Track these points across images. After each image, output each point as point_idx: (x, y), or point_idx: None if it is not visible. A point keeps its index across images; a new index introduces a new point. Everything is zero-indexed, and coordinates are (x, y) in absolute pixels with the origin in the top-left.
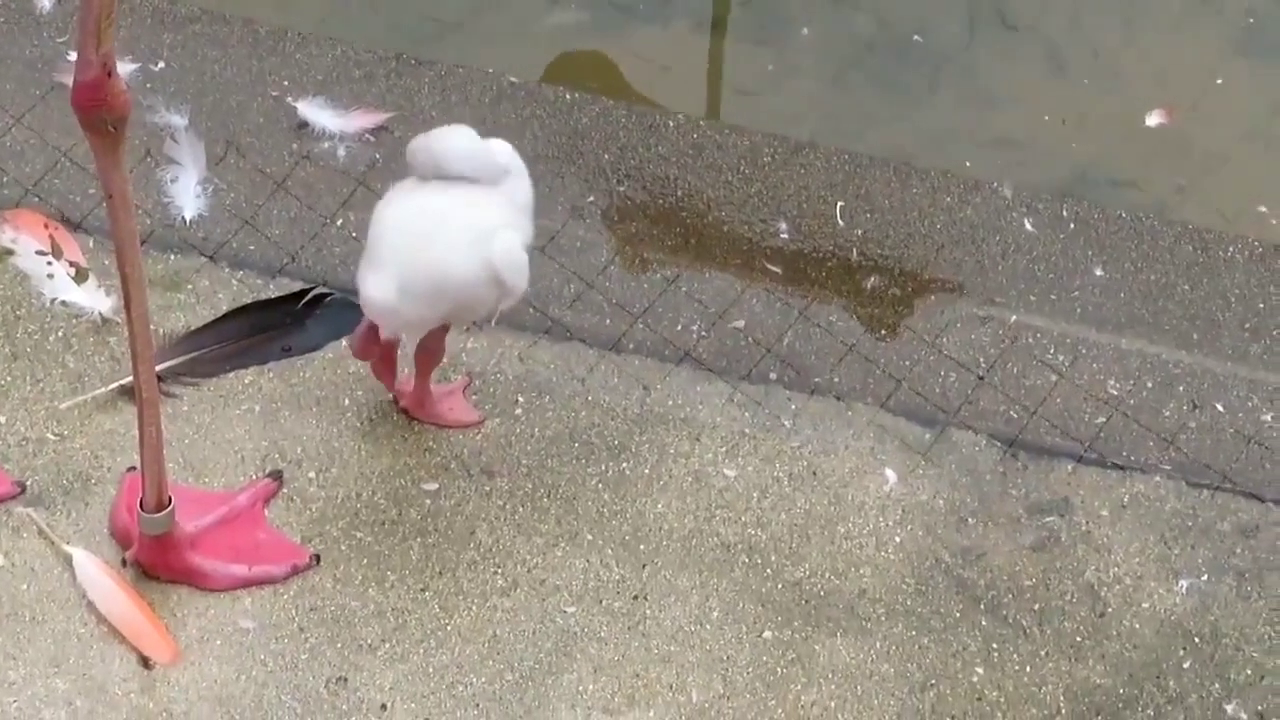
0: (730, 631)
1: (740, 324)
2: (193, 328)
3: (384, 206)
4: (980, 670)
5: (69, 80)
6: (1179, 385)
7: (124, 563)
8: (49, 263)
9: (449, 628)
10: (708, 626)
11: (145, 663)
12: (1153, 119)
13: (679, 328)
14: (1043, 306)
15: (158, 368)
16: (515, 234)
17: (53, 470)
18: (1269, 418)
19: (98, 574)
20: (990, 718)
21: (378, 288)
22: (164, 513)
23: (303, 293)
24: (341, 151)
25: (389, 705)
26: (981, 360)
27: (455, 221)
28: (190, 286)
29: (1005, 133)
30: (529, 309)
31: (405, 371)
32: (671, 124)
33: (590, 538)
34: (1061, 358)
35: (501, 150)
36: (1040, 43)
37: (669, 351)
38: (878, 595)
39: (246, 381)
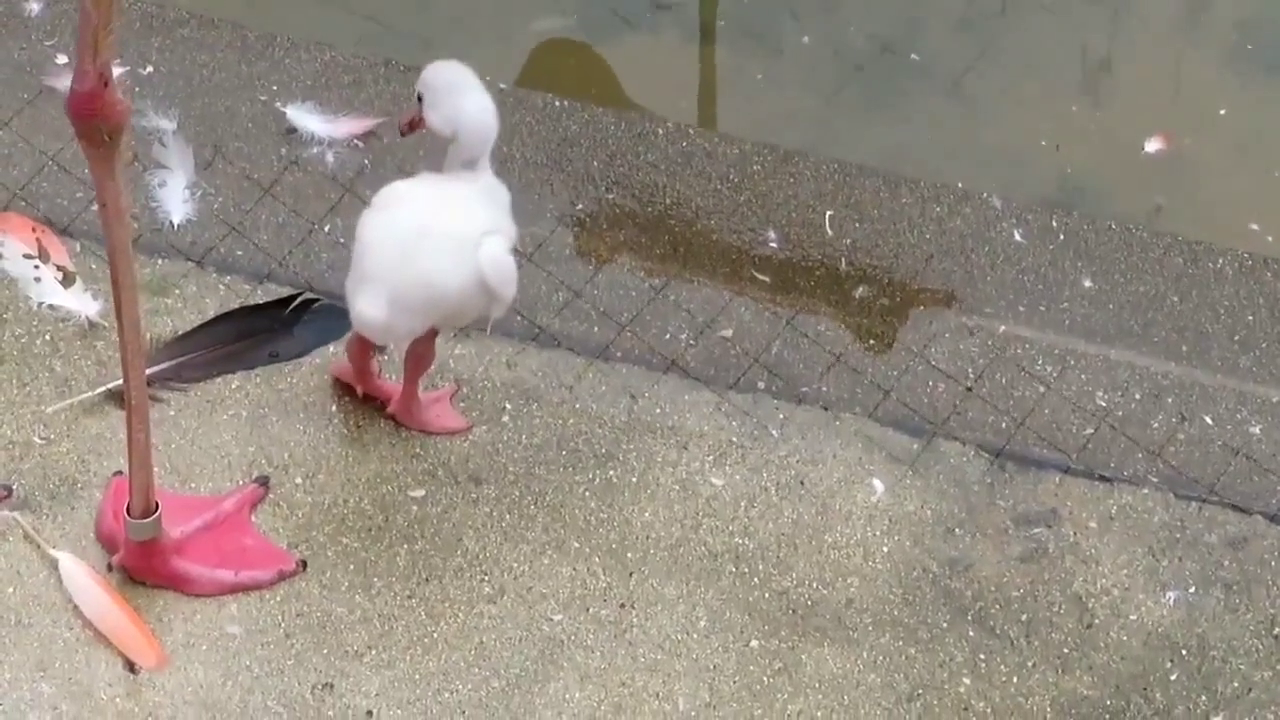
0: (717, 640)
1: (728, 333)
2: (180, 333)
3: (367, 220)
4: (967, 681)
5: (57, 84)
6: (1167, 397)
7: (110, 567)
8: (36, 266)
9: (435, 634)
10: (694, 635)
11: (131, 667)
12: (1151, 145)
13: (667, 336)
14: (1031, 317)
15: (145, 373)
16: (500, 239)
17: (39, 474)
18: (1257, 430)
19: (84, 578)
20: None
21: (368, 304)
22: (151, 518)
23: (290, 298)
24: (330, 157)
25: (375, 712)
26: (969, 371)
27: (440, 231)
28: (178, 291)
29: (996, 145)
30: (517, 316)
31: (393, 378)
32: (661, 131)
33: (577, 546)
34: (1050, 369)
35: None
36: (1036, 59)
37: (656, 360)
38: (865, 605)
39: (233, 387)
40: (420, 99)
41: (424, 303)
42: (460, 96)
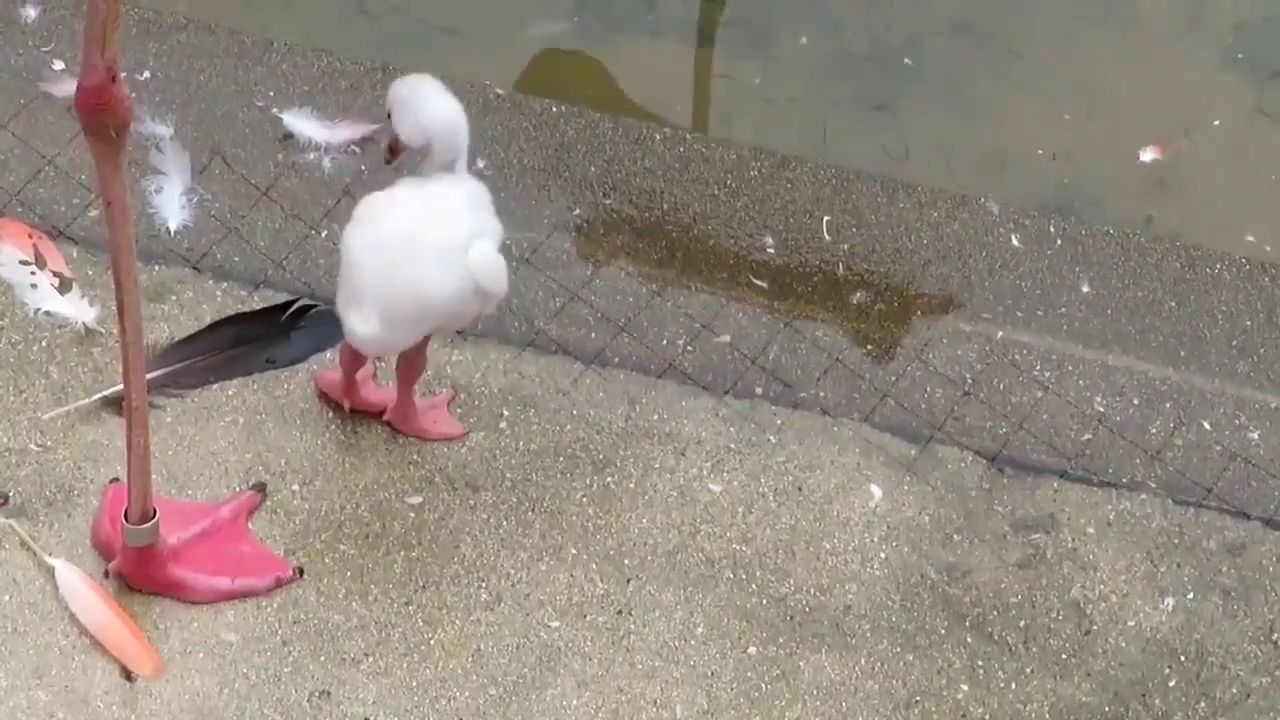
0: (715, 647)
1: (726, 338)
2: (177, 339)
3: (351, 235)
4: (965, 687)
5: (53, 89)
6: (1165, 402)
7: (106, 574)
8: (32, 272)
9: (432, 642)
10: (692, 642)
11: (127, 675)
12: (1147, 154)
13: (664, 341)
14: (1029, 322)
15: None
16: (488, 241)
17: (35, 481)
18: (1255, 435)
19: (80, 586)
20: None
21: (361, 322)
22: (148, 524)
23: (287, 305)
24: (327, 162)
25: (371, 719)
26: (967, 376)
27: (426, 240)
28: (174, 297)
29: (993, 150)
30: (514, 322)
31: (386, 384)
32: (658, 137)
33: (575, 552)
34: (1048, 374)
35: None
36: (1033, 65)
37: (654, 365)
38: (863, 611)
39: (230, 393)
40: (389, 115)
41: (417, 314)
42: (425, 103)
